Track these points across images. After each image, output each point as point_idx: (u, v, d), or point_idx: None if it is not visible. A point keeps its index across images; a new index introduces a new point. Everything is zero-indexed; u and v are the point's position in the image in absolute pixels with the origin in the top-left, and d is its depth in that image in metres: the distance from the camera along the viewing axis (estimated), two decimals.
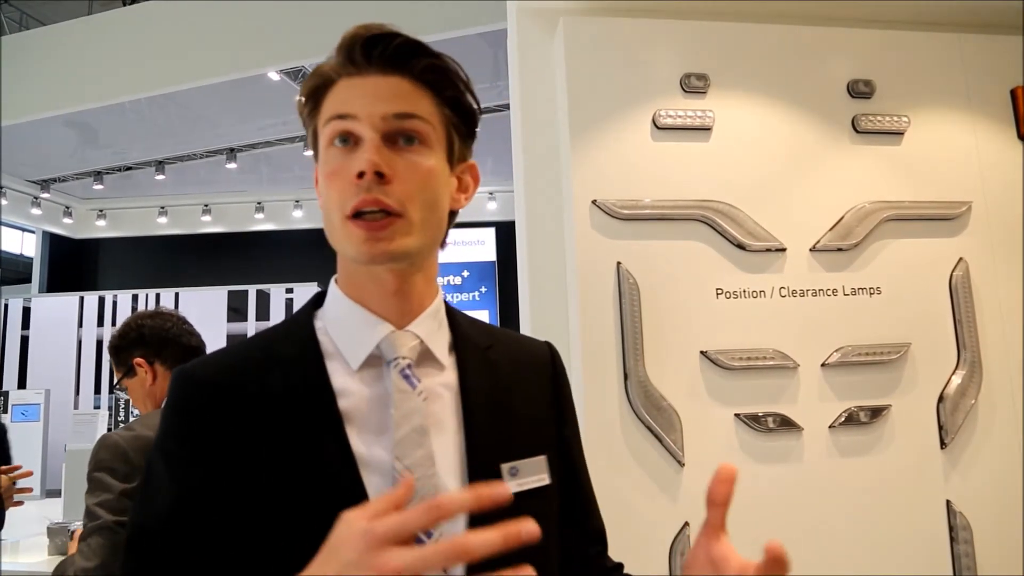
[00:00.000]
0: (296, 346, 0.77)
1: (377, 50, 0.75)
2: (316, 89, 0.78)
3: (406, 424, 0.72)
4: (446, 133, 0.79)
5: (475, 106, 0.82)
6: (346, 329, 0.78)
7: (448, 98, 0.78)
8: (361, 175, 0.71)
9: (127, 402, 5.54)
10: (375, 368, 0.76)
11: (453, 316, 0.84)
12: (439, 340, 0.80)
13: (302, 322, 0.80)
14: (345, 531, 0.55)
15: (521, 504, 0.73)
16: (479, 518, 0.69)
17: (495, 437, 0.77)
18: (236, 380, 0.75)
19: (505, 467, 0.76)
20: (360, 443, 0.72)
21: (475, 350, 0.82)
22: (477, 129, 0.84)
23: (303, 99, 0.80)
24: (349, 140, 0.74)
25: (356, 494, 0.69)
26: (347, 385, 0.75)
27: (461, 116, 0.80)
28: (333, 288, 0.81)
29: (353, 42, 0.76)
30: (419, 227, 0.74)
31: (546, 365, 0.89)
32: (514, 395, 0.82)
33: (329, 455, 0.71)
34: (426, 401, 0.75)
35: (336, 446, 0.71)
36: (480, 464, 0.75)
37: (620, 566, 0.91)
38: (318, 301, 0.83)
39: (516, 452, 0.78)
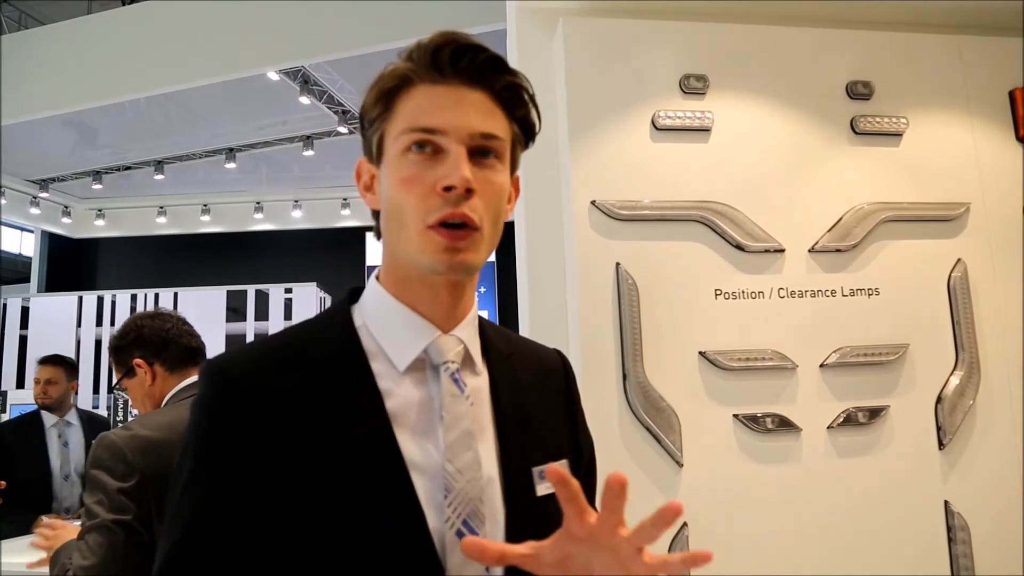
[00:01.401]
0: (337, 344, 0.76)
1: (464, 61, 0.76)
2: (392, 91, 0.77)
3: (456, 428, 0.73)
4: (512, 149, 0.80)
5: (538, 122, 0.83)
6: (392, 330, 0.77)
7: (518, 117, 0.80)
8: (449, 188, 0.71)
9: (126, 402, 5.54)
10: (419, 371, 0.77)
11: (480, 322, 0.85)
12: (475, 346, 0.81)
13: (340, 319, 0.79)
14: None
15: (549, 506, 0.75)
16: (515, 520, 0.74)
17: (523, 441, 0.79)
18: (273, 377, 0.73)
19: (536, 470, 0.77)
20: (409, 445, 0.72)
21: (501, 357, 0.84)
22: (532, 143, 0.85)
23: (375, 98, 0.78)
24: (427, 148, 0.74)
25: (407, 497, 0.70)
26: (394, 387, 0.75)
27: (526, 133, 0.82)
28: (375, 286, 0.80)
29: (440, 48, 0.75)
30: (487, 242, 0.76)
31: (559, 375, 0.91)
32: (535, 402, 0.83)
33: (378, 457, 0.70)
34: (472, 406, 0.76)
35: (386, 448, 0.71)
36: (514, 467, 0.76)
37: None
38: (353, 296, 0.83)
39: (541, 456, 0.79)
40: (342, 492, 0.68)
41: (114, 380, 1.88)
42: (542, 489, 0.77)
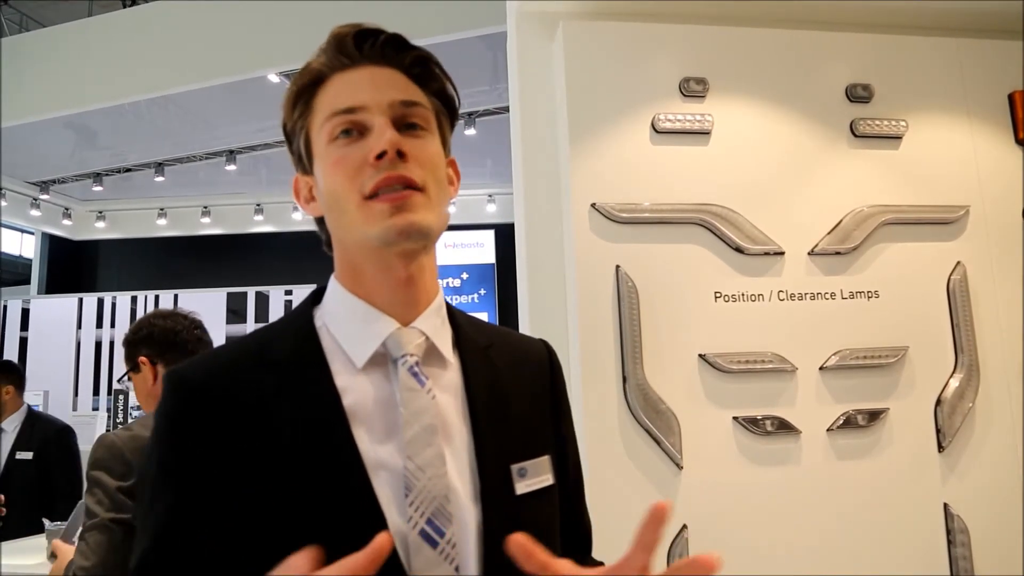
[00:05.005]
0: (295, 344, 0.75)
1: (367, 44, 0.77)
2: (307, 87, 0.78)
3: (416, 423, 0.70)
4: (438, 123, 0.80)
5: (456, 97, 0.83)
6: (349, 325, 0.76)
7: (435, 90, 0.80)
8: (381, 155, 0.71)
9: (126, 404, 5.55)
10: (380, 366, 0.74)
11: (453, 314, 0.83)
12: (443, 337, 0.79)
13: (301, 320, 0.78)
14: None
15: (529, 505, 0.74)
16: (490, 520, 0.70)
17: (501, 437, 0.76)
18: (232, 382, 0.72)
19: (514, 468, 0.75)
20: (368, 443, 0.70)
21: (476, 349, 0.81)
22: (458, 120, 0.85)
23: (293, 100, 0.79)
24: (353, 132, 0.74)
25: (365, 496, 0.68)
26: (351, 384, 0.73)
27: (447, 107, 0.82)
28: (334, 284, 0.79)
29: (342, 37, 0.77)
30: (435, 204, 0.74)
31: (544, 364, 0.88)
32: (515, 395, 0.80)
33: (336, 457, 0.69)
34: (435, 400, 0.73)
35: (343, 447, 0.69)
36: (490, 465, 0.73)
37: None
38: (316, 298, 0.81)
39: (521, 452, 0.77)
40: (300, 495, 0.67)
41: (124, 372, 1.90)
42: (522, 487, 0.74)
